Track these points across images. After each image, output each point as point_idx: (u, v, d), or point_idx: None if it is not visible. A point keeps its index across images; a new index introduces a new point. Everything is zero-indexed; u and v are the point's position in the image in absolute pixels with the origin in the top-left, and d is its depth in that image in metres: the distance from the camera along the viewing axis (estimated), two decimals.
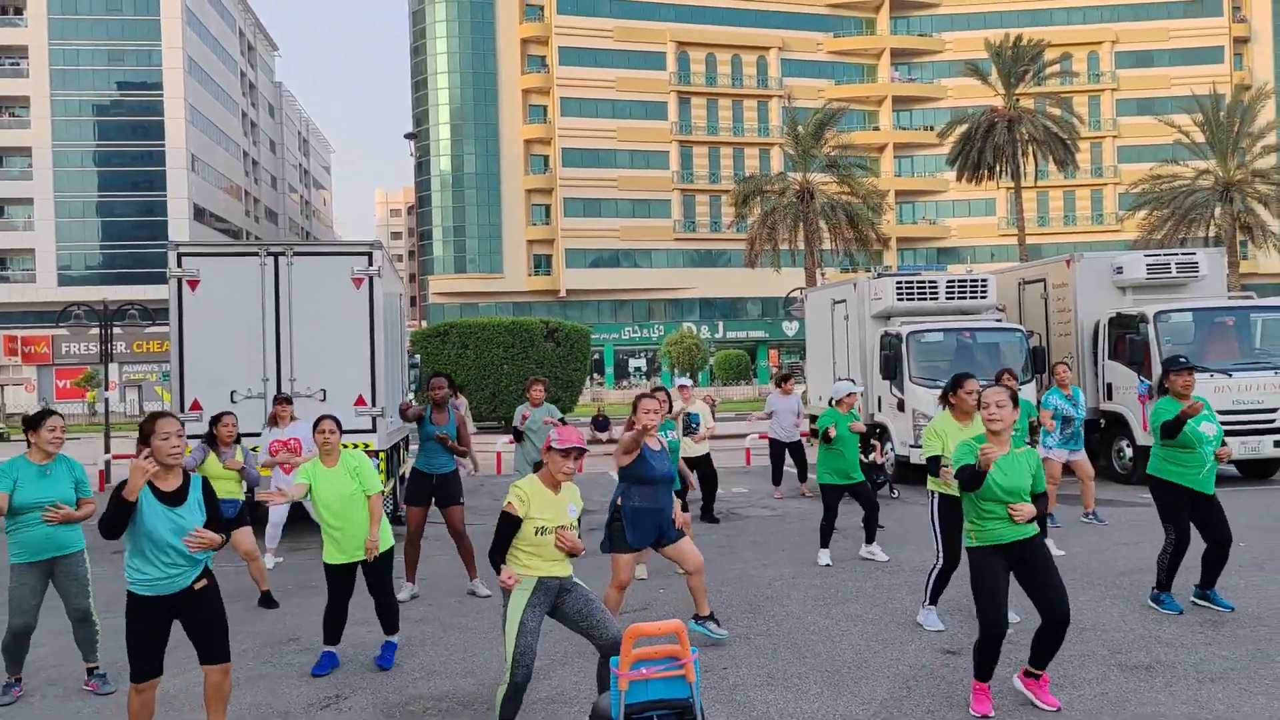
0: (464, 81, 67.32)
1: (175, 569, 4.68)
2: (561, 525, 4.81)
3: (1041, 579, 5.19)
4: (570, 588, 4.95)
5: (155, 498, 4.66)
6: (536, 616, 4.79)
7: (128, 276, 59.43)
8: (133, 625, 4.70)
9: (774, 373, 64.18)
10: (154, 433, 4.68)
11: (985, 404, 5.31)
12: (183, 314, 11.33)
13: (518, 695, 4.72)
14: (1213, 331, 13.82)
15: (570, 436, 4.86)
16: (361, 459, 6.46)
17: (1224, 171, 41.74)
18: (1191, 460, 6.97)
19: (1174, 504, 7.09)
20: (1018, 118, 43.25)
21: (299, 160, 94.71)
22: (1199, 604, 7.19)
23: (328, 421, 6.39)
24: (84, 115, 62.55)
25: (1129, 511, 11.70)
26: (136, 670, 4.68)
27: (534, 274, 68.18)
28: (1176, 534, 7.10)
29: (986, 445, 5.12)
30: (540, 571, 4.85)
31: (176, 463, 4.72)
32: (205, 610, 4.77)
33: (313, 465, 6.36)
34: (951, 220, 72.37)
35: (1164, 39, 71.10)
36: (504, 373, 28.78)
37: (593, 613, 4.88)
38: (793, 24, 70.94)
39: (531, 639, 4.71)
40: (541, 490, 4.90)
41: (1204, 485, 7.00)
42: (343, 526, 6.23)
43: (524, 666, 4.67)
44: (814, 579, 8.62)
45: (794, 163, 43.49)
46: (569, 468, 4.85)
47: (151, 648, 4.70)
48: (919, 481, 14.36)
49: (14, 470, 5.86)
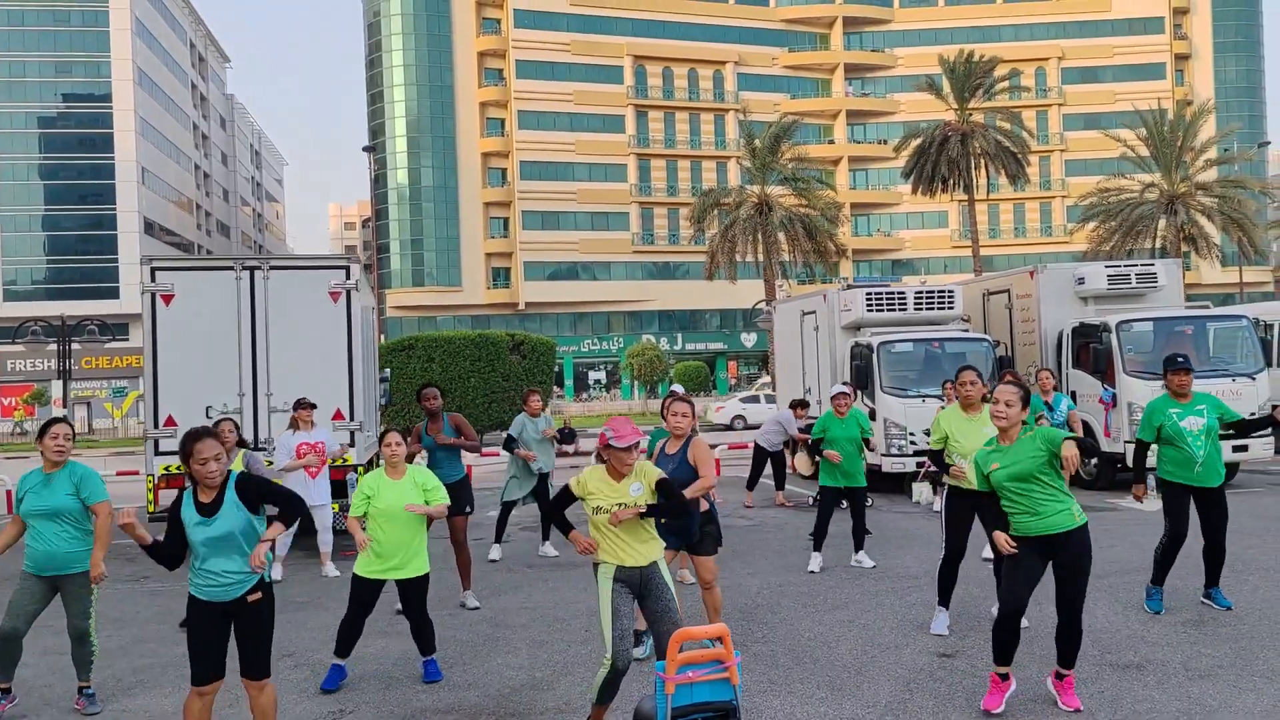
0: (420, 94, 67.10)
1: (225, 578, 4.72)
2: (623, 504, 4.89)
3: (1062, 579, 5.35)
4: (654, 583, 4.99)
5: (194, 509, 4.74)
6: (626, 601, 4.90)
7: (75, 291, 58.23)
8: (191, 628, 4.78)
9: (733, 382, 64.60)
10: (193, 455, 4.68)
11: (995, 400, 5.48)
12: (156, 328, 11.18)
13: (618, 679, 4.82)
14: (1172, 340, 14.19)
15: (626, 432, 4.88)
16: (433, 479, 6.55)
17: (1168, 184, 42.88)
18: (1181, 457, 7.17)
19: (1171, 499, 7.30)
20: (970, 132, 44.07)
21: (251, 173, 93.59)
22: (1205, 603, 7.39)
23: (393, 435, 6.50)
24: (30, 128, 61.36)
25: (1101, 517, 11.97)
26: (196, 673, 4.72)
27: (492, 287, 68.04)
28: (1171, 527, 7.28)
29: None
30: (618, 560, 4.96)
31: (214, 485, 4.74)
32: (250, 623, 4.79)
33: (376, 476, 6.43)
34: (905, 232, 73.52)
35: (1108, 55, 73.01)
36: (471, 385, 28.69)
37: (665, 619, 4.94)
38: (748, 39, 71.77)
39: (627, 622, 4.83)
40: (603, 478, 5.00)
41: (1202, 480, 7.15)
42: (390, 539, 6.25)
43: (623, 651, 4.78)
44: (802, 586, 8.73)
45: (751, 176, 43.92)
46: (631, 459, 4.92)
47: (209, 651, 4.72)
48: (891, 490, 14.60)
49: (24, 482, 5.94)
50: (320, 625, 7.88)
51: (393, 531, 6.27)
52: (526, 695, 6.02)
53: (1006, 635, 5.35)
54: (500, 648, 7.09)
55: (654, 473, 5.02)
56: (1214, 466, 7.16)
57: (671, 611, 4.95)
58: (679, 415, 6.41)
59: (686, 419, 6.42)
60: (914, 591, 8.31)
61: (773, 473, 14.42)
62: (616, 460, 4.95)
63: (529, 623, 7.78)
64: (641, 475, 5.00)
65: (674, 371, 52.58)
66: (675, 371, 53.12)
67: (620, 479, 4.99)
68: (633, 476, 4.99)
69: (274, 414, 11.35)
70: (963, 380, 7.10)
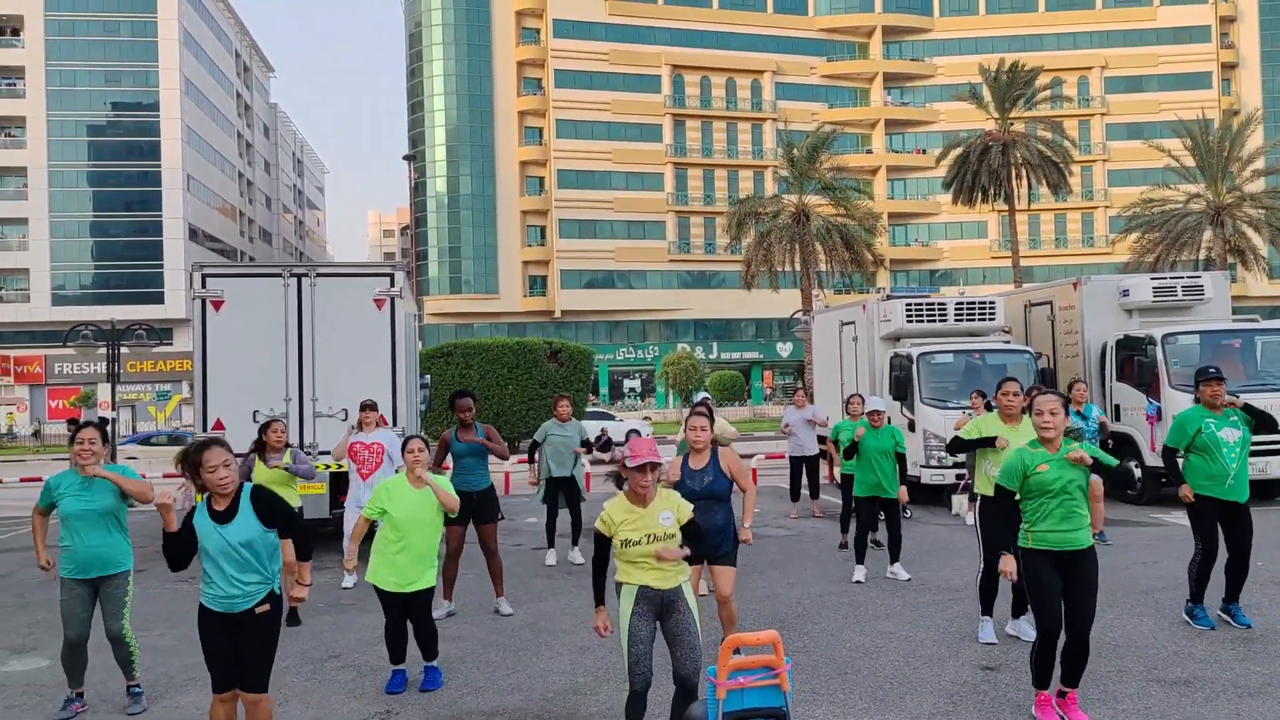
0: (460, 103, 67.66)
1: (235, 588, 4.73)
2: (653, 534, 4.83)
3: (1077, 598, 5.31)
4: (676, 606, 4.93)
5: (209, 516, 4.77)
6: (646, 625, 4.86)
7: (121, 296, 59.22)
8: (203, 638, 4.80)
9: (768, 392, 64.43)
10: (202, 465, 4.71)
11: (1039, 411, 5.48)
12: (206, 334, 11.43)
13: (640, 700, 4.84)
14: (1219, 353, 13.99)
15: (642, 452, 4.81)
16: (446, 483, 6.62)
17: (1214, 195, 42.22)
18: (1215, 470, 7.11)
19: (1202, 515, 7.24)
20: (1012, 141, 43.71)
21: (293, 181, 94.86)
22: (1223, 618, 7.32)
23: (416, 441, 6.53)
24: (80, 135, 62.58)
25: (1142, 531, 11.84)
26: (215, 681, 4.78)
27: (529, 295, 68.36)
28: (1204, 544, 7.25)
29: (1006, 559, 5.42)
30: (640, 581, 4.91)
31: (227, 492, 4.77)
32: (256, 635, 4.79)
33: (397, 481, 6.46)
34: (944, 242, 72.90)
35: (1153, 64, 72.01)
36: (508, 393, 28.88)
37: (683, 643, 4.87)
38: (786, 48, 71.63)
39: (645, 647, 4.80)
40: (626, 508, 4.91)
41: (1232, 494, 7.12)
42: (408, 546, 6.26)
43: (640, 674, 4.80)
44: (842, 597, 8.71)
45: (789, 185, 43.84)
46: (646, 481, 4.81)
47: (223, 660, 4.76)
48: (930, 502, 14.51)
49: (58, 483, 5.97)
50: (365, 626, 8.00)
51: (406, 540, 6.27)
52: (570, 700, 6.08)
53: (1050, 659, 5.35)
54: (542, 653, 7.15)
55: (686, 509, 4.98)
56: (1243, 481, 7.14)
57: (692, 634, 4.88)
58: (698, 429, 6.42)
59: (705, 432, 6.42)
60: (956, 604, 8.27)
61: (808, 481, 14.34)
62: (634, 481, 4.88)
63: (570, 628, 7.83)
64: (670, 503, 4.94)
65: (708, 380, 52.53)
66: (710, 381, 53.08)
67: (644, 504, 4.92)
68: (660, 503, 4.93)
69: (319, 419, 11.54)
70: (1006, 390, 7.19)
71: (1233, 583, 7.28)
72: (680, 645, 4.87)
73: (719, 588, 6.64)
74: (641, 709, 4.87)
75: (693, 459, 6.53)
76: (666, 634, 4.96)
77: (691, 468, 6.51)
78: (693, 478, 6.44)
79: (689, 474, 6.46)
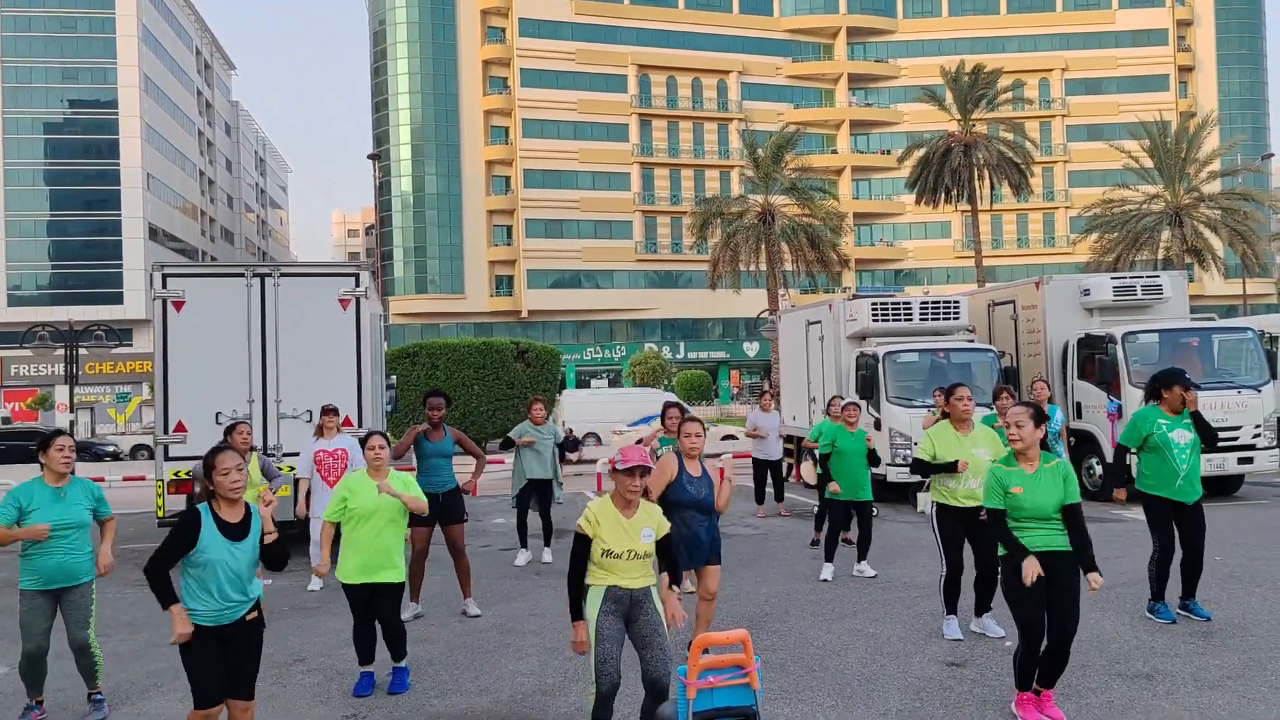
0: (425, 102, 67.28)
1: (231, 602, 4.70)
2: (633, 550, 4.81)
3: (1059, 605, 5.31)
4: (644, 607, 4.92)
5: (219, 530, 4.69)
6: (613, 624, 4.82)
7: (80, 297, 58.29)
8: (193, 655, 4.66)
9: (735, 391, 64.66)
10: (215, 468, 4.72)
11: (1007, 424, 5.52)
12: (167, 335, 11.26)
13: (606, 703, 4.77)
14: (1178, 352, 14.23)
15: (632, 456, 4.82)
16: (411, 482, 6.53)
17: (1172, 196, 42.93)
18: (1165, 470, 7.22)
19: (1156, 515, 7.38)
20: (974, 143, 44.16)
21: (255, 180, 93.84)
22: (1182, 614, 7.44)
23: (377, 438, 6.46)
24: (36, 133, 61.59)
25: (1104, 527, 11.99)
26: (201, 698, 4.65)
27: (496, 294, 68.14)
28: (1160, 542, 7.38)
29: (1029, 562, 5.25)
30: (608, 581, 4.89)
31: (237, 497, 4.76)
32: (246, 643, 4.77)
33: (358, 477, 6.39)
34: (908, 242, 73.57)
35: (1112, 67, 73.13)
36: (475, 393, 28.71)
37: (652, 645, 4.85)
38: (752, 49, 71.94)
39: (611, 645, 4.76)
40: (612, 513, 4.89)
41: (1181, 495, 7.25)
42: (368, 541, 6.21)
43: (607, 675, 4.74)
44: (809, 595, 8.76)
45: (754, 185, 44.01)
46: (635, 485, 4.83)
47: (213, 674, 4.67)
48: (896, 500, 14.62)
49: (27, 495, 5.81)
50: (331, 630, 7.92)
51: (371, 533, 6.22)
52: (538, 701, 6.06)
53: (1033, 662, 5.37)
54: (510, 654, 7.12)
55: (665, 526, 5.03)
56: (1194, 481, 7.25)
57: (660, 635, 4.87)
58: (693, 436, 6.35)
59: (701, 439, 6.39)
60: (922, 601, 8.35)
61: (772, 483, 14.41)
62: (622, 485, 4.89)
63: (539, 629, 7.81)
64: (651, 520, 4.97)
65: (675, 380, 52.57)
66: (677, 380, 53.12)
67: (629, 512, 4.93)
68: (642, 518, 4.94)
69: (283, 420, 11.41)
70: (960, 395, 7.16)
71: (1188, 579, 7.41)
72: (649, 647, 4.85)
73: (707, 586, 6.61)
74: (609, 711, 4.82)
75: (689, 466, 6.45)
76: (634, 637, 4.93)
77: (690, 474, 6.43)
78: (694, 484, 6.33)
79: (689, 480, 6.34)
